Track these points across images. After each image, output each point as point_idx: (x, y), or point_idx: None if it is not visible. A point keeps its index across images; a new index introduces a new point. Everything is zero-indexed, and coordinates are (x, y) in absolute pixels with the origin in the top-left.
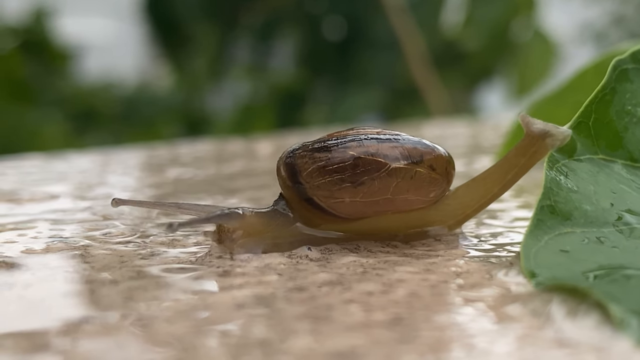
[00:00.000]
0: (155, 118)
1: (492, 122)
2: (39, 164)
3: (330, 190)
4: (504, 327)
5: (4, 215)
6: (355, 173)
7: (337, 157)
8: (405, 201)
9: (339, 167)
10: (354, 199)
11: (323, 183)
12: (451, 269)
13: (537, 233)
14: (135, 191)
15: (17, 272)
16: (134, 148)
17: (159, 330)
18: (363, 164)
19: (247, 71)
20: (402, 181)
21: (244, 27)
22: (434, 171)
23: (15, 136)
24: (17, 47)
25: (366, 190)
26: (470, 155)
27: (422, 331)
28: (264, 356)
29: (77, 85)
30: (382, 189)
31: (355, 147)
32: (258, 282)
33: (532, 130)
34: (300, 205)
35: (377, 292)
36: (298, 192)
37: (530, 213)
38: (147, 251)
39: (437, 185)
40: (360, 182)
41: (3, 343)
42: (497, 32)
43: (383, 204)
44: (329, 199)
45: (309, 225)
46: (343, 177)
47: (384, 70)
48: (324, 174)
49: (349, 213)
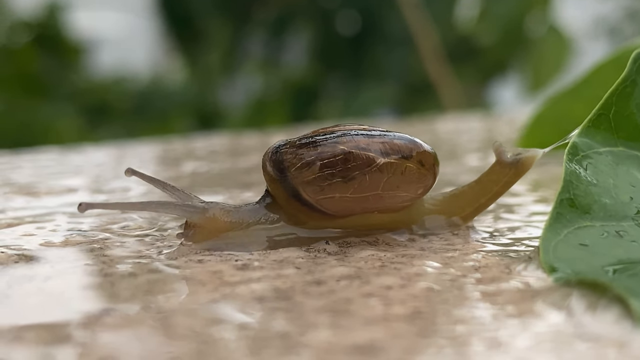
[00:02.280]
0: (167, 112)
1: (507, 116)
2: (55, 157)
3: (321, 185)
4: (524, 322)
5: (22, 208)
6: (346, 168)
7: (328, 152)
8: (394, 197)
9: (330, 161)
10: (344, 195)
11: (313, 178)
12: (469, 263)
13: (556, 226)
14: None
15: (36, 265)
16: (149, 142)
17: (178, 323)
18: (354, 158)
19: (260, 66)
20: (392, 176)
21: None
22: (422, 167)
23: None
24: (30, 42)
25: (357, 186)
26: (485, 150)
27: (442, 325)
28: (284, 349)
29: (90, 79)
30: (373, 184)
31: (346, 141)
32: (276, 276)
33: (504, 160)
34: (287, 202)
35: (395, 286)
36: (286, 189)
37: (547, 207)
38: (165, 244)
39: (425, 181)
40: (351, 177)
41: (24, 335)
42: (511, 26)
43: (373, 200)
44: (319, 195)
45: (295, 223)
46: (334, 172)
47: (397, 65)
48: (314, 169)
49: (337, 210)
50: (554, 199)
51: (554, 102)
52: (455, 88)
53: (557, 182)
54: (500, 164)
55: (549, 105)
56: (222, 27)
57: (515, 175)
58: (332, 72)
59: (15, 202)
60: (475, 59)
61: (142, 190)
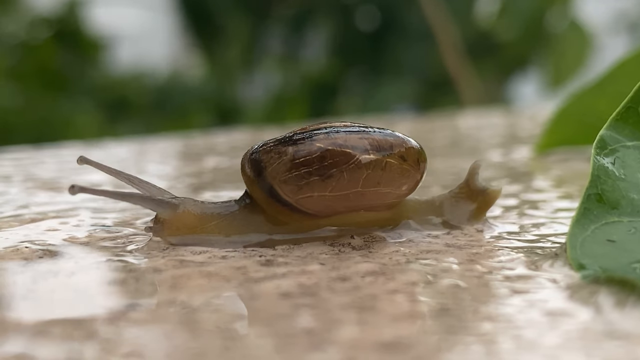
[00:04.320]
0: (186, 108)
1: (528, 112)
2: (77, 152)
3: (298, 184)
4: (552, 319)
5: (46, 203)
6: (323, 166)
7: (304, 150)
8: (376, 194)
9: (306, 159)
10: (322, 194)
11: (290, 177)
12: (495, 259)
13: (583, 222)
14: (173, 179)
15: (60, 260)
16: (171, 137)
17: (203, 318)
18: (331, 155)
19: (279, 61)
20: (372, 172)
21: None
22: (405, 162)
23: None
24: (50, 38)
25: (335, 184)
26: (508, 146)
27: (470, 322)
28: (310, 346)
29: (110, 75)
30: (352, 181)
31: (323, 139)
32: (301, 272)
33: (475, 184)
34: (266, 202)
35: (421, 283)
36: (264, 189)
37: (572, 203)
38: None
39: (409, 177)
40: (329, 175)
41: (51, 330)
42: (532, 22)
43: (354, 198)
44: (297, 194)
45: (275, 223)
46: (310, 170)
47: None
48: (290, 168)
49: (318, 209)
50: (578, 195)
51: (578, 98)
52: (474, 84)
53: (580, 178)
54: (468, 185)
55: (573, 100)
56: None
57: (484, 203)
58: (351, 68)
59: (38, 197)
60: (495, 54)
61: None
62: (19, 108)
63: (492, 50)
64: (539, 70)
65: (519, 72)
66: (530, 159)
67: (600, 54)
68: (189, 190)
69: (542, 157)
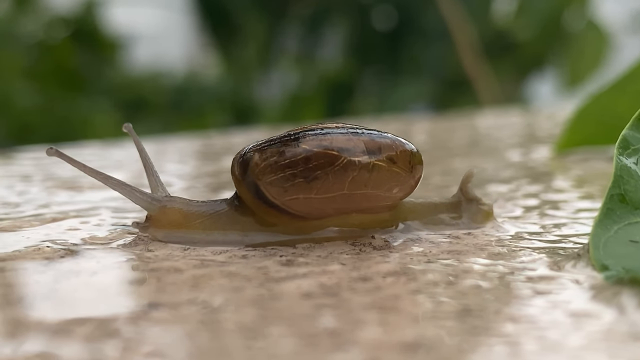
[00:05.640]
0: (203, 107)
1: (546, 112)
2: (96, 152)
3: (284, 186)
4: (576, 320)
5: (66, 202)
6: (307, 168)
7: (289, 152)
8: (365, 197)
9: (291, 161)
10: (308, 196)
11: (275, 179)
12: (517, 260)
13: (606, 222)
14: (193, 179)
15: (82, 260)
16: (189, 136)
17: (226, 318)
18: (316, 157)
19: (295, 61)
20: (358, 175)
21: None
22: (394, 165)
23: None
24: (68, 37)
25: (320, 186)
26: (527, 145)
27: (492, 323)
28: (333, 346)
29: (127, 74)
30: (338, 184)
31: (308, 140)
32: (322, 272)
33: (468, 192)
34: (254, 203)
35: (443, 283)
36: (250, 190)
37: (593, 204)
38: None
39: (400, 180)
40: (313, 177)
41: (74, 329)
42: (549, 21)
43: (341, 200)
44: (283, 196)
45: (264, 224)
46: (295, 172)
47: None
48: (275, 170)
49: (307, 211)
50: (599, 195)
51: (597, 97)
52: (492, 83)
53: (601, 178)
54: (462, 192)
55: (593, 100)
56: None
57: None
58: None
59: (59, 197)
60: (512, 54)
61: (184, 185)
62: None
63: (509, 49)
64: (556, 70)
65: (536, 71)
66: (549, 158)
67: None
68: (207, 190)
69: (562, 156)
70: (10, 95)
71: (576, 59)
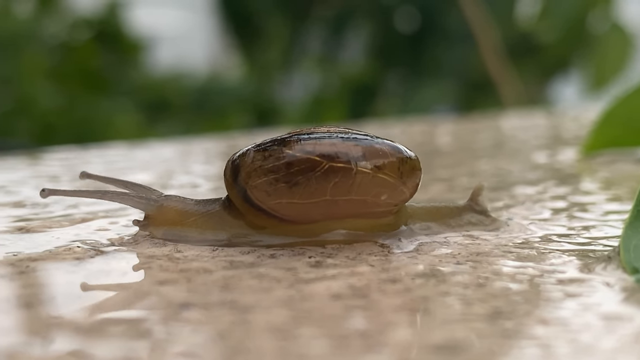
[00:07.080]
0: (225, 108)
1: (571, 114)
2: (122, 152)
3: (267, 190)
4: (608, 323)
5: (95, 203)
6: (289, 172)
7: (272, 157)
8: (350, 203)
9: (274, 166)
10: (291, 201)
11: (259, 183)
12: (547, 262)
13: (637, 224)
14: (219, 180)
15: (112, 260)
16: (213, 137)
17: (257, 319)
18: (298, 163)
19: (318, 63)
20: (340, 181)
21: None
22: (380, 171)
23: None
24: (91, 39)
25: (302, 191)
26: (552, 147)
27: (524, 325)
28: (365, 347)
29: (150, 75)
30: (320, 189)
31: (293, 145)
32: (351, 273)
33: (479, 204)
34: (243, 206)
35: (473, 285)
36: (239, 193)
37: (622, 206)
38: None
39: (388, 187)
40: (295, 182)
41: (106, 329)
42: (573, 24)
43: (325, 205)
44: (267, 201)
45: (253, 227)
46: (277, 177)
47: (457, 62)
48: (259, 174)
49: (294, 216)
50: (628, 197)
51: (624, 99)
52: (515, 85)
53: (629, 180)
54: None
55: (620, 101)
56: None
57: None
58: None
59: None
60: (536, 56)
61: (211, 186)
62: (61, 108)
63: (533, 51)
64: (580, 72)
65: (560, 73)
66: (576, 160)
67: None
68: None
69: (589, 158)
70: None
71: (600, 60)
